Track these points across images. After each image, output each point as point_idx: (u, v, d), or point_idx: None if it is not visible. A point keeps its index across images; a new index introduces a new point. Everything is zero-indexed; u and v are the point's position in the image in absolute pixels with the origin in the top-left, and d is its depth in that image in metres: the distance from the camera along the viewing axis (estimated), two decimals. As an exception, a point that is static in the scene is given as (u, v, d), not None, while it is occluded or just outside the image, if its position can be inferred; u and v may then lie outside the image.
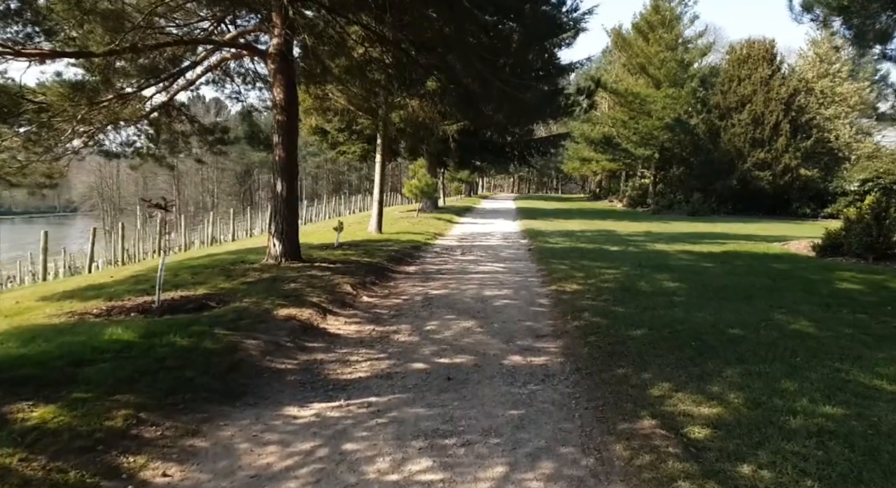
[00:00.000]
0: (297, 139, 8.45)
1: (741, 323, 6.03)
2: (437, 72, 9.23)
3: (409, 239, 13.35)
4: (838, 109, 27.42)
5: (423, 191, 19.18)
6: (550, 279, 8.85)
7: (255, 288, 6.85)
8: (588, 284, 8.24)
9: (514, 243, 14.33)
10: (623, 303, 7.02)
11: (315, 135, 22.29)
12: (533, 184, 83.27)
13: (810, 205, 26.38)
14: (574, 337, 5.66)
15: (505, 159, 27.73)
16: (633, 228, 19.44)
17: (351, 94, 12.45)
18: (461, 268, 9.98)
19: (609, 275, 9.11)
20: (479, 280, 8.82)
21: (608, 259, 11.09)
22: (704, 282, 8.54)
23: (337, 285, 7.42)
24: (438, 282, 8.60)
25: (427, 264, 10.44)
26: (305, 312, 5.99)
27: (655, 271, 9.54)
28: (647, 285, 8.24)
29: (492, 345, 5.42)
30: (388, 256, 10.34)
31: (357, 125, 19.51)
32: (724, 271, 9.84)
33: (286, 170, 8.33)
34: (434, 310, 6.76)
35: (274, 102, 8.30)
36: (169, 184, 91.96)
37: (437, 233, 15.74)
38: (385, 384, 4.33)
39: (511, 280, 8.91)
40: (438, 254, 11.84)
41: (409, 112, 13.13)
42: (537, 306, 7.13)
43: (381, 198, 14.19)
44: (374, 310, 6.75)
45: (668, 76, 29.22)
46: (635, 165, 36.91)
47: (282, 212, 8.37)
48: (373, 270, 8.87)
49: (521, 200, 43.46)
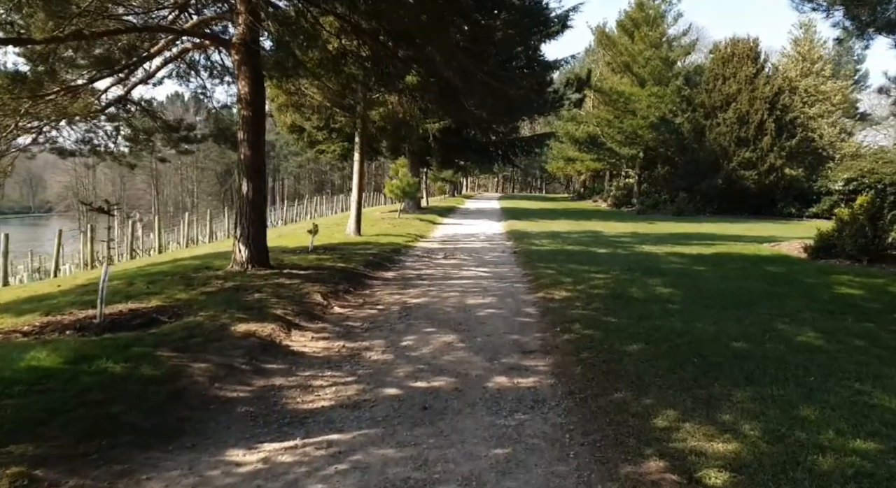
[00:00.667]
0: (263, 136, 7.83)
1: (744, 334, 5.57)
2: (416, 65, 8.67)
3: (389, 241, 12.77)
4: (822, 108, 27.39)
5: (404, 191, 18.58)
6: (537, 285, 8.34)
7: (215, 299, 6.23)
8: (577, 291, 7.74)
9: (498, 245, 13.82)
10: (616, 312, 6.53)
11: (293, 133, 21.58)
12: (517, 183, 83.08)
13: (795, 204, 26.29)
14: (565, 352, 5.14)
15: (489, 159, 27.24)
16: (620, 229, 19.06)
17: (326, 90, 11.83)
18: (443, 274, 9.43)
19: (599, 280, 8.63)
20: (462, 286, 8.28)
21: (596, 262, 10.62)
22: (699, 288, 8.10)
23: (306, 294, 6.82)
24: (418, 289, 8.04)
25: (407, 269, 9.87)
26: (267, 327, 5.39)
27: (647, 275, 9.08)
28: (639, 291, 7.77)
29: (474, 363, 4.88)
30: (365, 261, 9.75)
31: (336, 123, 18.86)
32: (717, 275, 9.42)
33: (252, 168, 7.70)
34: (412, 322, 6.20)
35: (239, 96, 7.66)
36: (147, 184, 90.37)
37: (418, 234, 15.17)
38: (351, 416, 3.76)
39: (496, 286, 8.38)
40: (419, 258, 11.27)
41: (389, 109, 12.53)
42: (524, 316, 6.60)
43: (359, 199, 13.58)
44: (345, 322, 6.17)
45: (652, 74, 28.97)
46: (620, 165, 36.68)
47: (247, 214, 7.74)
48: (347, 277, 8.28)
49: (506, 200, 43.04)
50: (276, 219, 36.75)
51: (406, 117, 11.95)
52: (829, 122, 27.24)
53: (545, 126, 43.25)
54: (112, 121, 9.19)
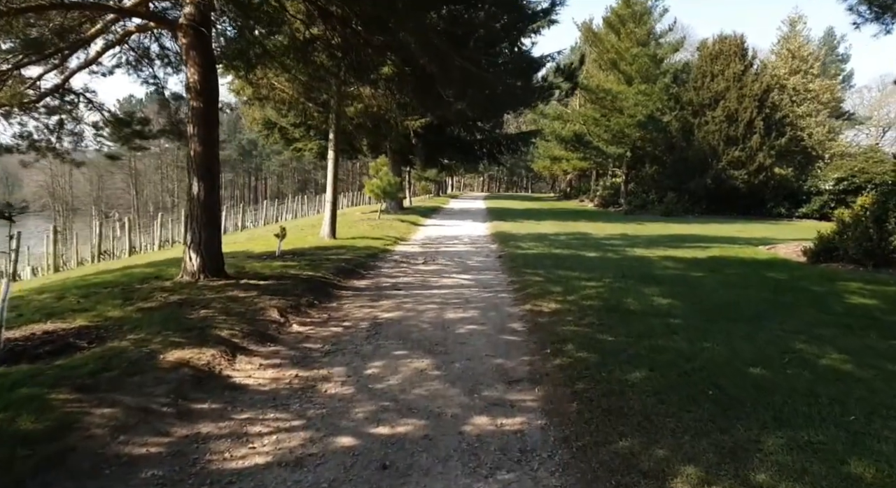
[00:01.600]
0: (216, 130, 6.97)
1: (760, 357, 4.85)
2: (390, 53, 7.86)
3: (365, 245, 11.94)
4: (810, 107, 27.03)
5: (385, 190, 17.73)
6: (524, 295, 7.58)
7: (152, 317, 5.37)
8: (568, 302, 6.99)
9: (482, 249, 13.05)
10: (612, 328, 5.79)
11: (267, 129, 20.62)
12: (503, 183, 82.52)
13: (784, 204, 25.89)
14: (557, 382, 4.37)
15: (474, 157, 26.47)
16: (609, 230, 18.41)
17: (297, 82, 10.98)
18: (421, 282, 8.63)
19: (591, 288, 7.89)
20: (442, 297, 7.48)
21: (587, 268, 9.90)
22: (700, 298, 7.40)
23: (262, 310, 5.98)
24: (392, 301, 7.22)
25: (382, 277, 9.05)
26: (206, 354, 4.55)
27: (642, 283, 8.37)
28: (635, 302, 7.05)
29: (450, 398, 4.09)
30: (336, 268, 8.92)
31: (312, 120, 17.97)
32: (717, 282, 8.75)
33: (204, 166, 6.83)
34: (381, 343, 5.39)
35: (187, 85, 6.77)
36: (127, 183, 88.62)
37: (398, 237, 14.35)
38: (289, 479, 2.95)
39: (479, 296, 7.60)
40: (397, 264, 10.46)
41: (366, 103, 11.71)
42: (509, 334, 5.83)
43: (334, 199, 12.71)
44: (303, 344, 5.34)
45: (640, 72, 28.40)
46: (606, 164, 36.13)
47: (199, 218, 6.86)
48: (314, 287, 7.44)
49: (491, 200, 42.31)
50: (257, 219, 35.69)
51: (381, 111, 11.13)
52: (818, 121, 26.89)
53: (531, 124, 42.59)
54: (53, 113, 8.26)
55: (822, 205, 24.74)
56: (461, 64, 6.64)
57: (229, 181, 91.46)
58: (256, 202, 49.20)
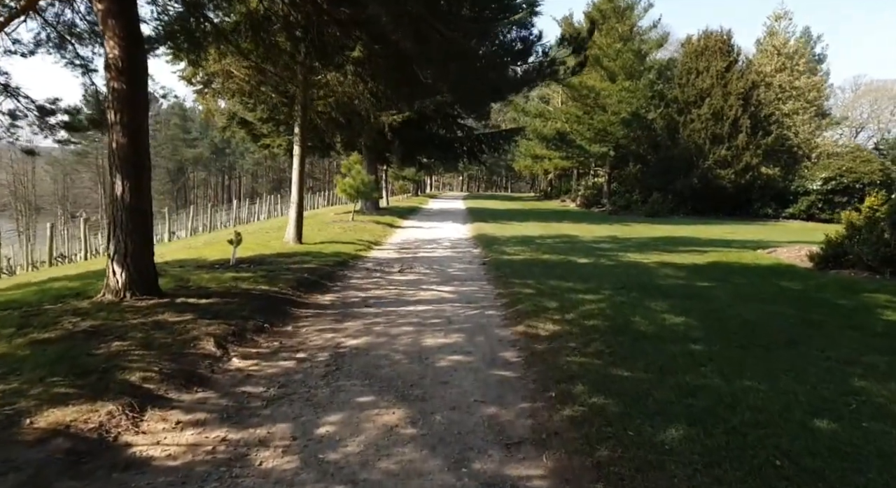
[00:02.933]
0: (145, 116, 5.75)
1: (820, 402, 3.86)
2: (358, 30, 6.71)
3: (335, 251, 10.75)
4: (796, 104, 26.56)
5: (358, 190, 16.51)
6: (515, 312, 6.51)
7: (44, 354, 4.15)
8: (567, 322, 5.95)
9: (465, 254, 11.97)
10: (626, 359, 4.76)
11: (235, 125, 19.24)
12: (482, 182, 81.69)
13: (771, 205, 25.35)
14: (571, 447, 3.30)
15: (454, 156, 25.34)
16: (596, 233, 17.51)
17: (254, 69, 9.76)
18: (396, 296, 7.50)
19: (590, 303, 6.86)
20: (419, 316, 6.38)
21: (581, 276, 8.89)
22: (717, 315, 6.44)
23: (194, 340, 4.80)
24: (360, 321, 6.09)
25: (350, 290, 7.89)
26: (101, 412, 3.37)
27: (646, 296, 7.39)
28: (645, 322, 6.04)
29: (429, 476, 2.99)
30: (297, 279, 7.74)
31: (280, 114, 16.68)
32: (728, 294, 7.81)
33: (129, 161, 5.60)
34: (342, 383, 4.27)
35: (107, 62, 5.52)
36: (94, 182, 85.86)
37: (372, 241, 13.18)
38: None
39: (463, 314, 6.51)
40: (369, 273, 9.30)
41: (336, 93, 10.54)
42: (502, 367, 4.75)
43: (300, 200, 11.48)
44: (242, 387, 4.18)
45: (623, 68, 27.64)
46: (589, 163, 35.40)
47: (123, 223, 5.63)
48: (267, 305, 6.26)
49: (471, 200, 41.29)
50: (229, 219, 34.11)
51: (352, 102, 9.96)
52: (803, 120, 26.44)
53: (511, 123, 41.69)
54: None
55: (809, 206, 24.26)
56: (441, 34, 5.53)
57: (202, 180, 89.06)
58: (230, 201, 47.48)
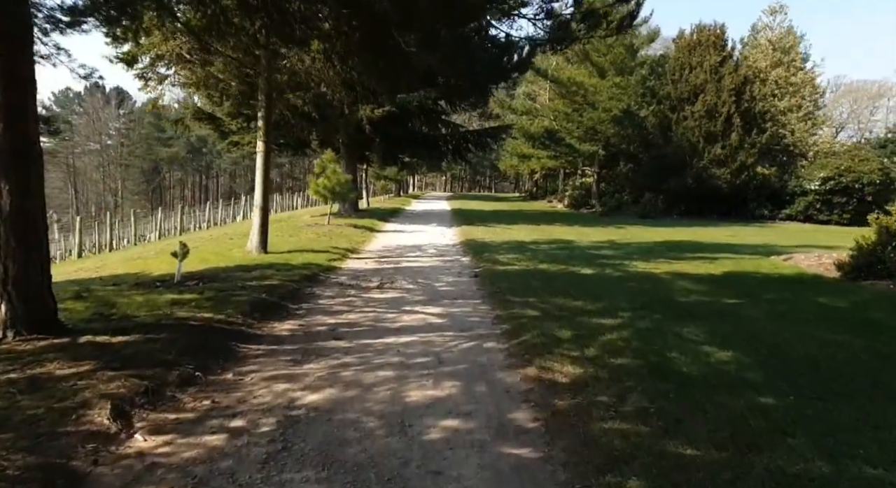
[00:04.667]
0: (30, 94, 4.35)
1: None
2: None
3: (303, 262, 9.35)
4: (792, 101, 25.72)
5: (334, 191, 15.06)
6: (521, 346, 5.21)
7: None
8: (590, 361, 4.67)
9: (453, 263, 10.66)
10: (680, 422, 3.52)
11: (200, 121, 17.69)
12: (466, 182, 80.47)
13: (767, 205, 24.45)
14: None
15: (439, 154, 23.99)
16: (592, 236, 16.33)
17: (212, 50, 8.34)
18: (373, 322, 6.15)
19: (610, 331, 5.61)
20: (401, 353, 5.04)
21: (589, 292, 7.64)
22: (767, 347, 5.23)
23: (82, 408, 3.40)
24: (324, 363, 4.73)
25: (317, 314, 6.49)
26: None
27: (672, 318, 6.18)
28: (684, 358, 4.80)
29: None
30: (252, 302, 6.34)
31: (250, 108, 15.19)
32: (764, 314, 6.65)
33: (6, 152, 4.17)
34: (287, 478, 2.92)
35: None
36: (64, 182, 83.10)
37: (349, 248, 11.78)
38: None
39: (456, 350, 5.19)
40: (343, 290, 7.92)
41: (304, 80, 9.14)
42: (515, 441, 3.43)
43: (264, 204, 10.03)
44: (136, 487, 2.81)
45: (614, 63, 26.56)
46: (576, 163, 34.32)
47: (5, 237, 4.21)
48: (204, 342, 4.87)
49: (456, 200, 39.95)
50: (203, 221, 32.40)
51: (320, 87, 8.57)
52: (799, 117, 25.61)
53: (495, 121, 40.44)
54: None
55: (806, 206, 23.40)
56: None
57: (178, 180, 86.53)
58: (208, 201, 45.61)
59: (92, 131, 76.81)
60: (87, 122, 77.05)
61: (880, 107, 54.74)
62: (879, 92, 50.20)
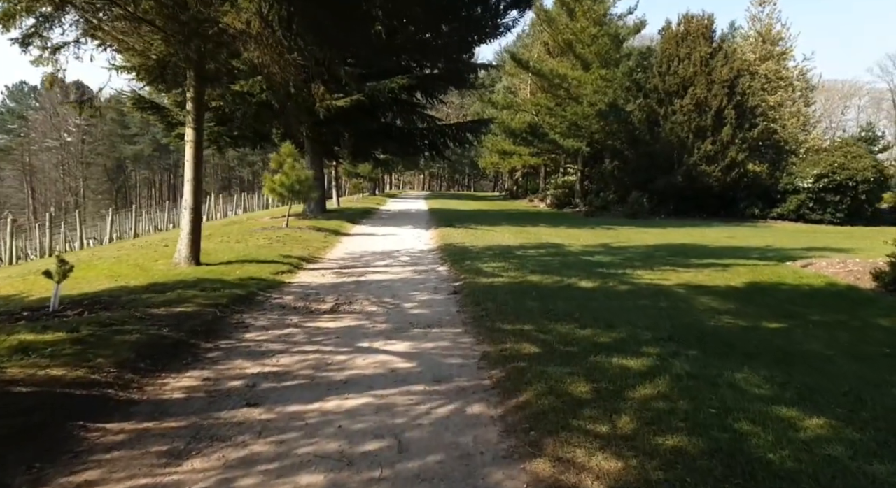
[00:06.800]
0: None
1: None
2: None
3: (242, 276, 7.57)
4: (783, 95, 24.65)
5: (293, 189, 13.23)
6: (522, 414, 3.57)
7: None
8: (627, 443, 3.06)
9: (428, 274, 8.99)
10: None
11: (145, 110, 15.70)
12: (444, 181, 78.86)
13: (758, 204, 23.30)
14: None
15: (415, 150, 22.27)
16: (582, 239, 14.81)
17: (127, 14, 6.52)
18: (312, 372, 4.42)
19: (642, 382, 4.00)
20: (345, 432, 3.35)
21: (596, 315, 6.05)
22: (870, 411, 3.67)
23: None
24: (215, 462, 3.01)
25: (236, 358, 4.74)
26: None
27: (714, 356, 4.63)
28: (764, 434, 3.22)
29: None
30: (143, 342, 4.56)
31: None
32: (829, 347, 5.17)
33: None
34: None
35: None
36: (19, 181, 79.67)
37: (304, 257, 10.00)
38: None
39: (427, 423, 3.51)
40: (282, 317, 6.16)
41: (242, 53, 7.36)
42: None
43: (195, 205, 8.19)
44: None
45: (599, 55, 25.16)
46: (559, 160, 32.92)
47: None
48: (31, 427, 3.12)
49: (434, 200, 38.25)
50: (160, 222, 30.22)
51: (263, 61, 6.81)
52: (791, 112, 24.58)
53: (475, 116, 38.85)
54: None
55: (799, 205, 22.31)
56: None
57: (144, 179, 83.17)
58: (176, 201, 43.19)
59: (50, 127, 73.25)
60: (45, 117, 73.47)
61: (851, 106, 55.07)
62: (850, 91, 50.29)
